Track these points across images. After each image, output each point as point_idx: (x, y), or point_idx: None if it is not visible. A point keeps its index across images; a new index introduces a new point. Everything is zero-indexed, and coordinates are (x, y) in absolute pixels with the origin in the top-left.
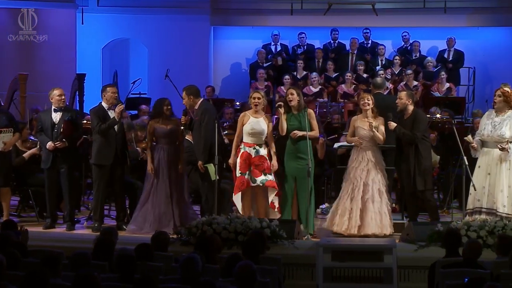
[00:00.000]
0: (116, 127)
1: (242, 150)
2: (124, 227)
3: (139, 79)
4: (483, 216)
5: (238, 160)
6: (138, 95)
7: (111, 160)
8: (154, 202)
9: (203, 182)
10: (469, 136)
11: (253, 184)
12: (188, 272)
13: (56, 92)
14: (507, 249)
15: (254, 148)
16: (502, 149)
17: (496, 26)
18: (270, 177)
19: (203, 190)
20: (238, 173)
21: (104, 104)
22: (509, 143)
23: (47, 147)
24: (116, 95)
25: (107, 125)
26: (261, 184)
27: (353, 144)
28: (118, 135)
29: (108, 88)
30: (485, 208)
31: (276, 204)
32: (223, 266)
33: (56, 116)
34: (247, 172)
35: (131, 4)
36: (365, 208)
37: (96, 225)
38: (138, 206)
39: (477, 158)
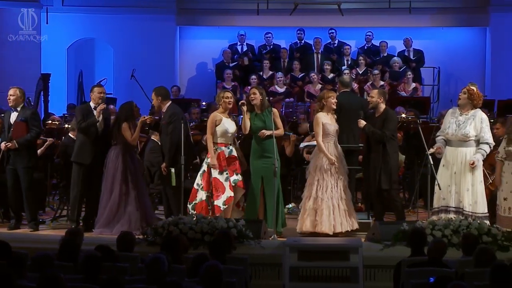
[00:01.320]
0: (99, 127)
1: (218, 151)
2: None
3: (104, 79)
4: (451, 215)
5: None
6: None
7: (89, 160)
8: (119, 203)
9: (165, 184)
10: (432, 150)
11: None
12: (154, 273)
13: (9, 92)
14: (472, 248)
15: (228, 148)
16: (473, 166)
17: (460, 26)
18: (240, 178)
19: (168, 191)
20: (216, 175)
21: (91, 103)
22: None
23: (0, 147)
24: (102, 95)
25: (86, 124)
26: (233, 184)
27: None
28: (100, 135)
29: (95, 88)
30: (452, 207)
31: (241, 204)
32: (190, 266)
33: (13, 117)
34: (227, 171)
35: (96, 3)
36: (338, 205)
37: (73, 226)
38: (102, 207)
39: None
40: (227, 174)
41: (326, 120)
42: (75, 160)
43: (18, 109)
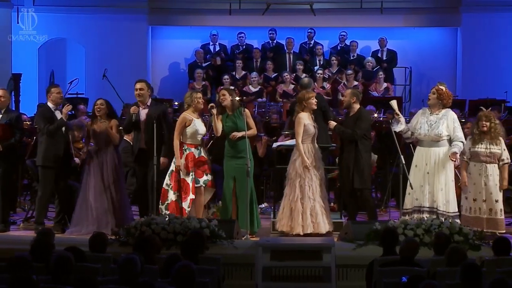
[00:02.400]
0: (63, 128)
1: (187, 152)
2: (65, 228)
3: (76, 79)
4: (424, 215)
5: (183, 162)
6: (75, 95)
7: (59, 162)
8: (92, 204)
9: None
10: (394, 102)
11: (197, 185)
12: (126, 273)
13: None
14: (444, 247)
15: (198, 149)
16: (454, 157)
17: (431, 27)
18: (210, 177)
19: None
20: (184, 176)
21: (50, 104)
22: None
23: None
24: (61, 95)
25: (56, 126)
26: (203, 185)
27: (293, 144)
28: (65, 137)
29: (52, 89)
30: (426, 207)
31: (211, 205)
32: (162, 267)
33: None
34: (193, 173)
35: (67, 3)
36: (315, 206)
37: (40, 228)
38: (76, 207)
39: (412, 156)
40: (193, 175)
41: (308, 121)
42: (42, 164)
43: (2, 111)
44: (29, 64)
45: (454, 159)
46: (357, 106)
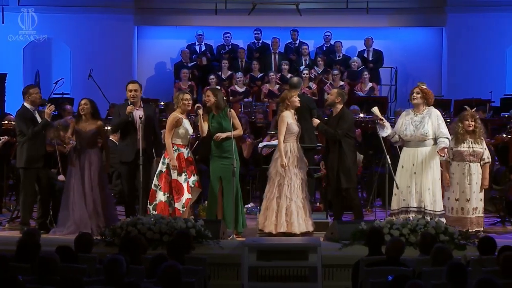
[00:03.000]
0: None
1: (177, 152)
2: (50, 228)
3: (61, 79)
4: (411, 215)
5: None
6: (60, 95)
7: (41, 163)
8: (78, 204)
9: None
10: (376, 109)
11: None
12: (112, 273)
13: None
14: (429, 247)
15: (186, 149)
16: (442, 152)
17: (417, 27)
18: (197, 178)
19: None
20: (176, 176)
21: (28, 106)
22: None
23: None
24: (40, 95)
25: (41, 127)
26: (192, 185)
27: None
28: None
29: (31, 90)
30: (414, 207)
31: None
32: (148, 267)
33: None
34: (186, 172)
35: (53, 3)
36: (291, 206)
37: (25, 228)
38: (62, 207)
39: (399, 157)
40: (185, 175)
41: (291, 120)
42: (25, 166)
43: None
44: (14, 64)
45: (443, 154)
46: (340, 106)
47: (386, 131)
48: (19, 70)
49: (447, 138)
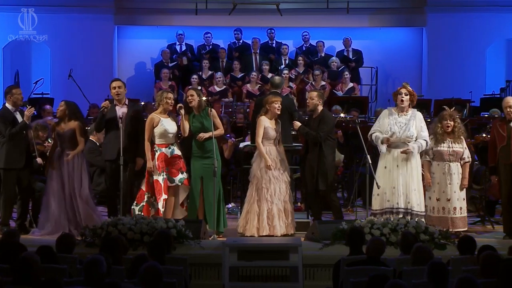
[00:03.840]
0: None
1: (158, 152)
2: (29, 229)
3: (41, 79)
4: (400, 216)
5: (156, 163)
6: (40, 95)
7: (22, 163)
8: (57, 205)
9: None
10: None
11: (171, 184)
12: (91, 274)
13: None
14: (410, 246)
15: (170, 148)
16: (404, 152)
17: (397, 27)
18: (186, 175)
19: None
20: (156, 176)
21: (9, 106)
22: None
23: None
24: (22, 96)
25: (18, 129)
26: (179, 184)
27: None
28: (26, 138)
29: (13, 90)
30: (402, 208)
31: (185, 203)
32: (129, 267)
33: None
34: (164, 173)
35: (33, 2)
36: (272, 209)
37: (5, 229)
38: (41, 209)
39: (378, 156)
40: (164, 175)
41: (268, 124)
42: (5, 167)
43: None
44: None
45: (405, 152)
46: (320, 108)
47: (384, 147)
48: None
49: (425, 140)
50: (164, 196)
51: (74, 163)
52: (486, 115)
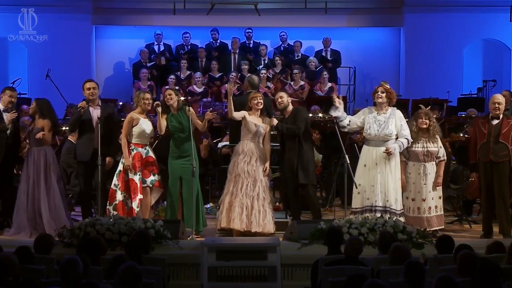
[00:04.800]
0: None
1: (134, 151)
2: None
3: (18, 79)
4: (378, 214)
5: (131, 161)
6: (18, 95)
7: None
8: (21, 206)
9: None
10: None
11: (143, 185)
12: (68, 274)
13: None
14: (388, 246)
15: (145, 149)
16: (388, 153)
17: (375, 27)
18: (158, 178)
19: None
20: (132, 176)
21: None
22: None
23: None
24: (13, 99)
25: None
26: (150, 185)
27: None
28: (9, 139)
29: (7, 91)
30: (380, 207)
31: (153, 206)
32: (107, 268)
33: None
34: (140, 172)
35: (10, 2)
36: (252, 205)
37: None
38: (16, 209)
39: (358, 157)
40: (140, 175)
41: (249, 119)
42: None
43: None
44: None
45: (388, 152)
46: (291, 107)
47: (337, 112)
48: None
49: (406, 139)
50: (140, 196)
51: (41, 163)
52: (463, 115)
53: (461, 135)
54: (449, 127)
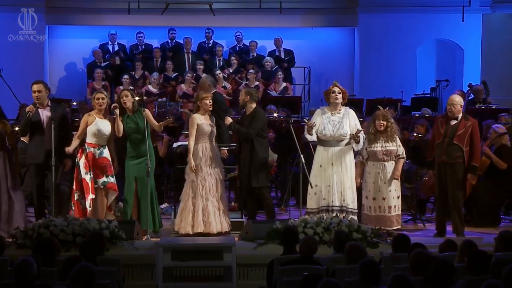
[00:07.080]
0: None
1: (87, 151)
2: None
3: None
4: (334, 215)
5: (83, 161)
6: None
7: None
8: None
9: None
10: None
11: (95, 186)
12: (22, 275)
13: None
14: (343, 245)
15: (99, 149)
16: (356, 135)
17: (329, 27)
18: (112, 179)
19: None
20: (84, 175)
21: None
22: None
23: None
24: None
25: None
26: (102, 186)
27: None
28: None
29: None
30: (337, 206)
31: (113, 207)
32: (61, 269)
33: None
34: (90, 173)
35: None
36: (208, 205)
37: None
38: None
39: (313, 156)
40: (91, 175)
41: (202, 121)
42: None
43: None
44: None
45: (357, 134)
46: (253, 106)
47: (312, 137)
48: None
49: (363, 137)
50: (92, 196)
51: (2, 162)
52: (417, 115)
53: (416, 134)
54: (403, 127)
